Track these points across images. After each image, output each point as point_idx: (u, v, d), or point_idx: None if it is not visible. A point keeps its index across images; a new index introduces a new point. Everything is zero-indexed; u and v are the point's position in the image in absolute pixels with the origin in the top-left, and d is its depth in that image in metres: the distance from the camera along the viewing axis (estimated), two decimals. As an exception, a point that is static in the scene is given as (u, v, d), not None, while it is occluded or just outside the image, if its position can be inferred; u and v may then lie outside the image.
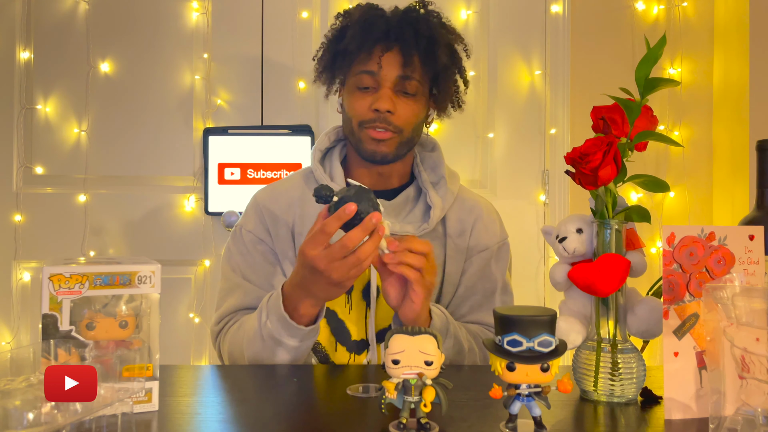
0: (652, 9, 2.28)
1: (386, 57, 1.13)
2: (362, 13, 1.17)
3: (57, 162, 2.22)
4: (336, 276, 0.92)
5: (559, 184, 2.25)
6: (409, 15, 1.16)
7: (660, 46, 0.84)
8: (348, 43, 1.15)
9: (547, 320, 0.67)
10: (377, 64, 1.13)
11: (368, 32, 1.14)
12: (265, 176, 2.13)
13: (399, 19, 1.16)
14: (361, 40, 1.14)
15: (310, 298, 0.99)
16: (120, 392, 0.65)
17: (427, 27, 1.15)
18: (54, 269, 0.73)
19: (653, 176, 0.86)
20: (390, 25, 1.14)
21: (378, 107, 1.13)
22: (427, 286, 0.99)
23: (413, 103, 1.16)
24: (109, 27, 2.22)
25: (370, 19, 1.15)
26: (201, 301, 2.22)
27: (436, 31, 1.15)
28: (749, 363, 0.65)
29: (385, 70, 1.14)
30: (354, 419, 0.78)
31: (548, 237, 0.93)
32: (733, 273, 0.79)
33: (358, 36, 1.14)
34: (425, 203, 1.22)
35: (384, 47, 1.14)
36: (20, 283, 2.22)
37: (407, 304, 1.00)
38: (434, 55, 1.15)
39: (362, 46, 1.14)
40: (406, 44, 1.13)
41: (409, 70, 1.14)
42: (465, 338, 1.11)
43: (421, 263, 0.97)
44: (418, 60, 1.15)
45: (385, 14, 1.17)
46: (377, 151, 1.16)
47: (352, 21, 1.17)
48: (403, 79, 1.14)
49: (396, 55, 1.14)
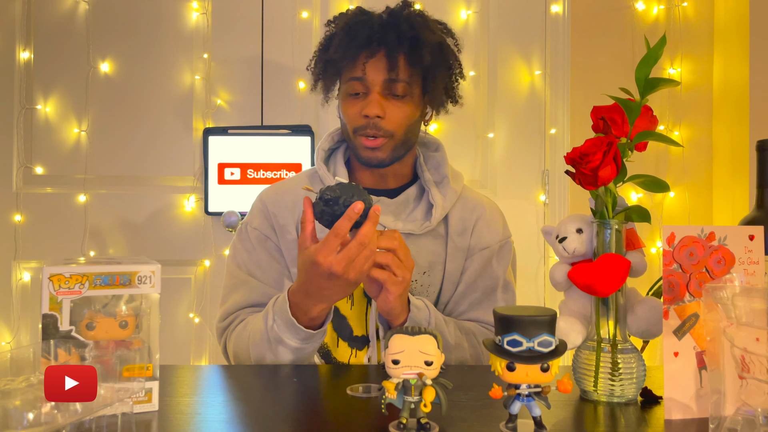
0: (652, 9, 2.28)
1: (371, 62, 1.14)
2: (347, 20, 1.18)
3: (57, 162, 2.22)
4: (353, 275, 0.92)
5: (559, 184, 2.25)
6: (392, 17, 1.17)
7: (660, 46, 0.84)
8: (333, 52, 1.17)
9: (547, 320, 0.67)
10: (362, 71, 1.15)
11: (352, 39, 1.15)
12: (265, 176, 2.13)
13: (382, 23, 1.16)
14: (345, 48, 1.15)
15: (324, 302, 0.99)
16: (120, 392, 0.65)
17: (410, 27, 1.15)
18: (54, 269, 0.73)
19: (653, 176, 0.86)
20: (373, 30, 1.15)
21: (367, 113, 1.15)
22: (400, 282, 0.99)
23: (403, 105, 1.17)
24: (109, 27, 2.22)
25: (354, 25, 1.16)
26: (201, 301, 2.22)
27: (420, 31, 1.16)
28: (749, 363, 0.65)
29: (371, 75, 1.15)
30: (354, 419, 0.78)
31: (548, 237, 0.93)
32: (733, 273, 0.79)
33: (343, 44, 1.16)
34: (427, 202, 1.23)
35: (368, 53, 1.15)
36: (20, 283, 2.22)
37: (381, 297, 1.00)
38: (420, 55, 1.15)
39: (347, 53, 1.16)
40: (389, 48, 1.14)
41: (394, 73, 1.14)
42: (452, 334, 1.11)
43: (388, 260, 0.97)
44: (404, 61, 1.15)
45: (369, 19, 1.18)
46: (372, 157, 1.18)
47: (338, 29, 1.19)
48: (390, 82, 1.15)
49: (380, 59, 1.14)
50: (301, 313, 1.01)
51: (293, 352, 1.04)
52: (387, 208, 1.21)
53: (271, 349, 1.05)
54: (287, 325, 1.01)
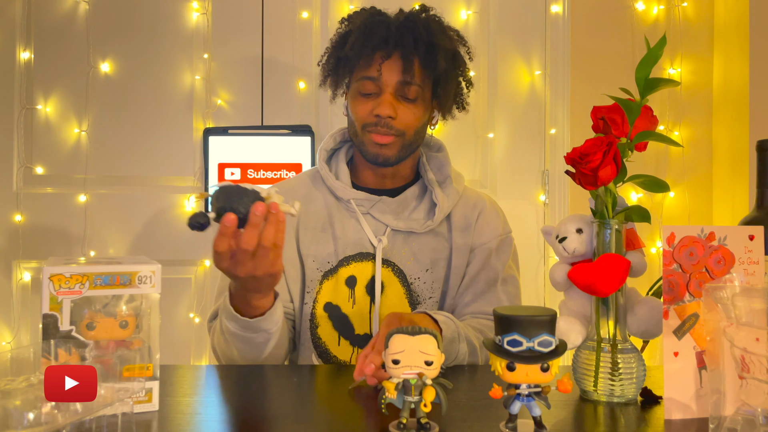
0: (652, 9, 2.28)
1: (386, 63, 1.15)
2: (364, 19, 1.18)
3: (57, 162, 2.22)
4: (259, 272, 0.91)
5: (559, 184, 2.25)
6: (409, 21, 1.17)
7: (660, 46, 0.84)
8: (349, 49, 1.16)
9: (547, 320, 0.67)
10: (377, 71, 1.15)
11: (369, 39, 1.15)
12: (266, 176, 2.13)
13: (399, 25, 1.17)
14: (361, 46, 1.15)
15: (254, 293, 0.98)
16: (120, 392, 0.65)
17: (427, 32, 1.16)
18: (54, 269, 0.73)
19: (653, 176, 0.86)
20: (390, 31, 1.15)
21: (379, 113, 1.15)
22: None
23: (414, 108, 1.18)
24: (109, 27, 2.22)
25: (371, 25, 1.16)
26: (201, 301, 2.22)
27: (436, 36, 1.16)
28: (749, 363, 0.65)
29: (386, 76, 1.15)
30: (354, 419, 0.78)
31: (548, 237, 0.93)
32: (733, 273, 0.79)
33: (359, 42, 1.15)
34: (430, 201, 1.24)
35: (384, 54, 1.15)
36: (20, 283, 2.22)
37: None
38: (434, 61, 1.16)
39: (362, 52, 1.16)
40: (405, 50, 1.14)
41: (409, 75, 1.15)
42: (474, 336, 1.11)
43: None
44: (418, 65, 1.16)
45: (386, 20, 1.18)
46: (380, 154, 1.18)
47: (354, 27, 1.19)
48: (404, 85, 1.16)
49: (396, 61, 1.15)
50: (243, 303, 1.00)
51: (241, 340, 1.03)
52: (388, 207, 1.22)
53: (226, 341, 1.05)
54: (229, 314, 1.02)
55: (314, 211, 1.24)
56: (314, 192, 1.26)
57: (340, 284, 1.19)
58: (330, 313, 1.19)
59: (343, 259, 1.20)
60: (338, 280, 1.20)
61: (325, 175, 1.25)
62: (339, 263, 1.20)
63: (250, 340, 1.04)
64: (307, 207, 1.23)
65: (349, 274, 1.19)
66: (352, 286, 1.19)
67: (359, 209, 1.22)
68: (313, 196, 1.25)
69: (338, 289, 1.19)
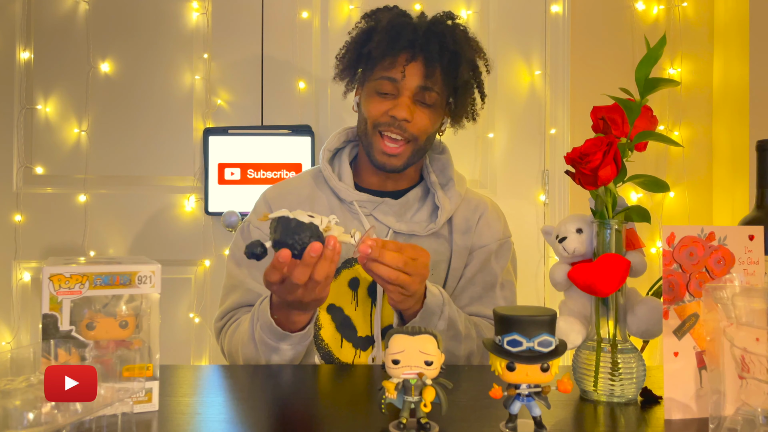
0: (652, 9, 2.28)
1: (410, 67, 1.14)
2: (390, 19, 1.17)
3: (57, 162, 2.22)
4: (307, 299, 0.92)
5: (559, 184, 2.25)
6: (436, 27, 1.17)
7: (660, 46, 0.84)
8: (374, 47, 1.16)
9: (547, 320, 0.67)
10: (401, 73, 1.14)
11: (395, 40, 1.15)
12: (266, 176, 2.13)
13: (426, 29, 1.16)
14: (387, 46, 1.15)
15: (298, 311, 1.00)
16: (120, 392, 0.65)
17: (453, 41, 1.16)
18: (54, 269, 0.73)
19: (653, 176, 0.86)
20: (417, 35, 1.15)
21: (395, 114, 1.15)
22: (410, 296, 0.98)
23: (430, 113, 1.18)
24: (109, 27, 2.22)
25: (398, 26, 1.16)
26: (201, 301, 2.22)
27: (461, 45, 1.16)
28: (749, 363, 0.65)
29: (407, 80, 1.15)
30: (354, 419, 0.78)
31: (548, 237, 0.93)
32: (733, 273, 0.79)
33: (385, 42, 1.15)
34: (432, 203, 1.24)
35: (408, 56, 1.15)
36: (20, 283, 2.22)
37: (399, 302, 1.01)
38: (456, 70, 1.16)
39: (387, 52, 1.15)
40: (430, 56, 1.14)
41: (430, 81, 1.15)
42: (463, 324, 1.11)
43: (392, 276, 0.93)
44: (440, 72, 1.16)
45: (412, 22, 1.18)
46: (387, 163, 1.19)
47: (379, 25, 1.18)
48: (423, 90, 1.16)
49: (419, 65, 1.15)
50: (283, 316, 1.01)
51: (274, 352, 1.04)
52: (391, 209, 1.22)
53: (256, 348, 1.05)
54: (267, 326, 1.02)
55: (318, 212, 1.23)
56: (317, 193, 1.26)
57: (343, 286, 1.19)
58: (333, 315, 1.18)
59: (346, 261, 1.20)
60: (341, 282, 1.19)
61: (328, 176, 1.24)
62: (342, 265, 1.20)
63: (283, 352, 1.04)
64: (311, 207, 1.23)
65: (351, 276, 1.19)
66: (354, 288, 1.19)
67: (362, 211, 1.22)
68: (316, 197, 1.25)
69: (341, 291, 1.19)
